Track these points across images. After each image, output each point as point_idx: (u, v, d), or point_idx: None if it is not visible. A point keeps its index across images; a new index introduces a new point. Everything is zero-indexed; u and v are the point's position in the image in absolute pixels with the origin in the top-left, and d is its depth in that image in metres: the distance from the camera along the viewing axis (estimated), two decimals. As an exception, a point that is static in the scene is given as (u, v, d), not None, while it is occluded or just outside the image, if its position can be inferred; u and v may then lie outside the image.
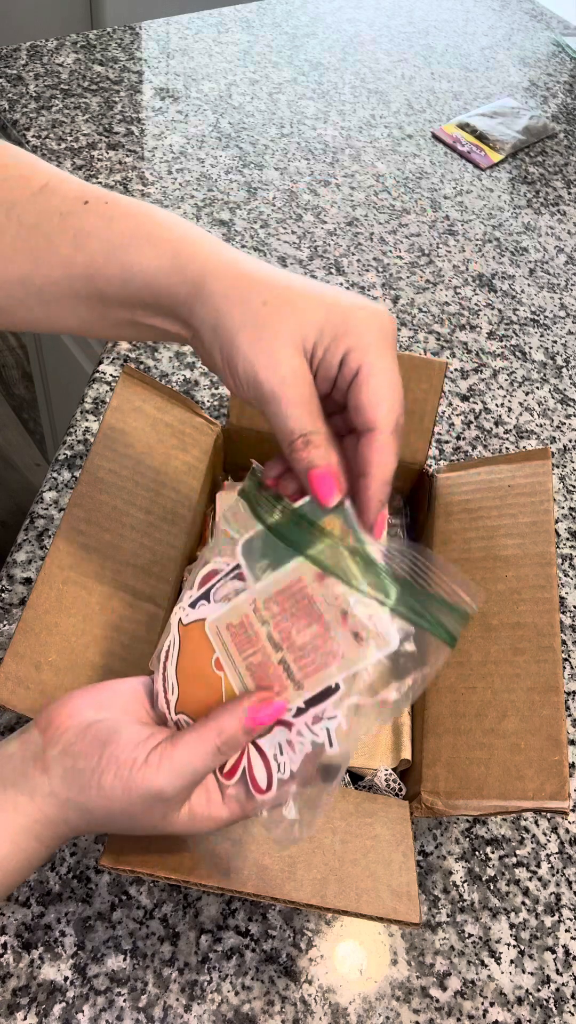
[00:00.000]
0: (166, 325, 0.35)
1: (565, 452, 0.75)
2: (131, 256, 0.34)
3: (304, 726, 0.32)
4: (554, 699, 0.42)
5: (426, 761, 0.44)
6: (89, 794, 0.32)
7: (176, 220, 0.35)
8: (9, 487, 0.86)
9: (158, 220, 0.35)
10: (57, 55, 1.03)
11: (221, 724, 0.32)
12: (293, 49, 1.15)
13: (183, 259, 0.33)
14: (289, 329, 0.32)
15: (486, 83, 1.20)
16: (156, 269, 0.34)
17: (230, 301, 0.32)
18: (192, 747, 0.32)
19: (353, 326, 0.32)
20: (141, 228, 0.34)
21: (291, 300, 0.32)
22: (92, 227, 0.34)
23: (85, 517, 0.46)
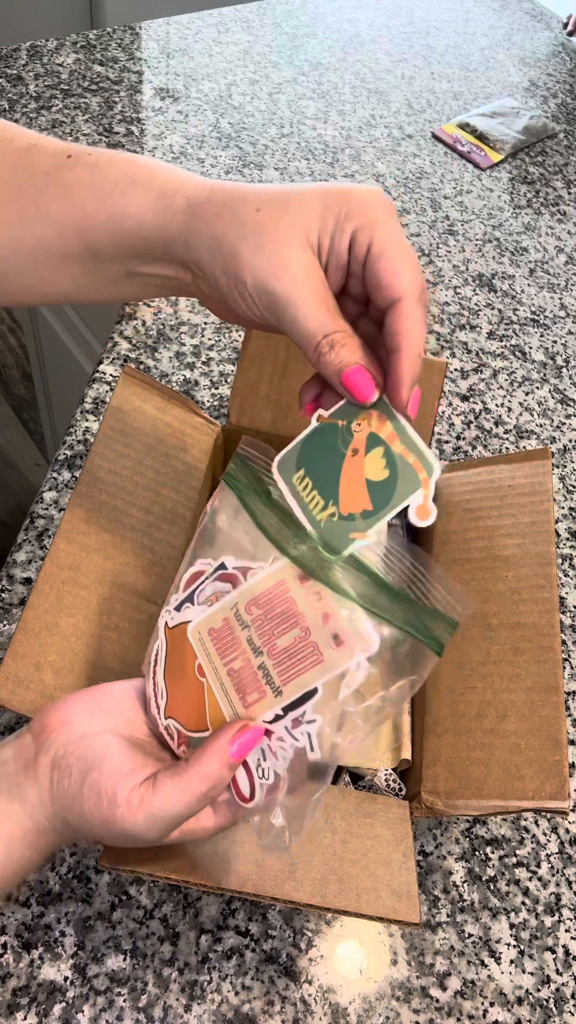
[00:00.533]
0: (163, 270, 0.35)
1: (565, 452, 0.75)
2: (119, 202, 0.33)
3: (284, 731, 0.32)
4: (554, 699, 0.42)
5: (426, 761, 0.44)
6: (71, 816, 0.32)
7: (159, 163, 0.35)
8: (9, 487, 0.86)
9: (142, 164, 0.34)
10: (57, 55, 1.03)
11: (204, 770, 0.31)
12: (293, 49, 1.15)
13: (169, 195, 0.33)
14: (290, 227, 0.31)
15: (486, 83, 1.20)
16: (145, 210, 0.33)
17: (223, 219, 0.32)
18: (174, 796, 0.31)
19: (354, 206, 0.31)
20: (126, 173, 0.34)
21: (284, 200, 0.32)
22: (78, 178, 0.34)
23: (85, 517, 0.46)
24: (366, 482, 0.32)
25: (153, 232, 0.33)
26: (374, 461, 0.32)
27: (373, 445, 0.32)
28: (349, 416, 0.33)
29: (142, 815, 0.31)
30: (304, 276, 0.31)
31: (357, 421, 0.33)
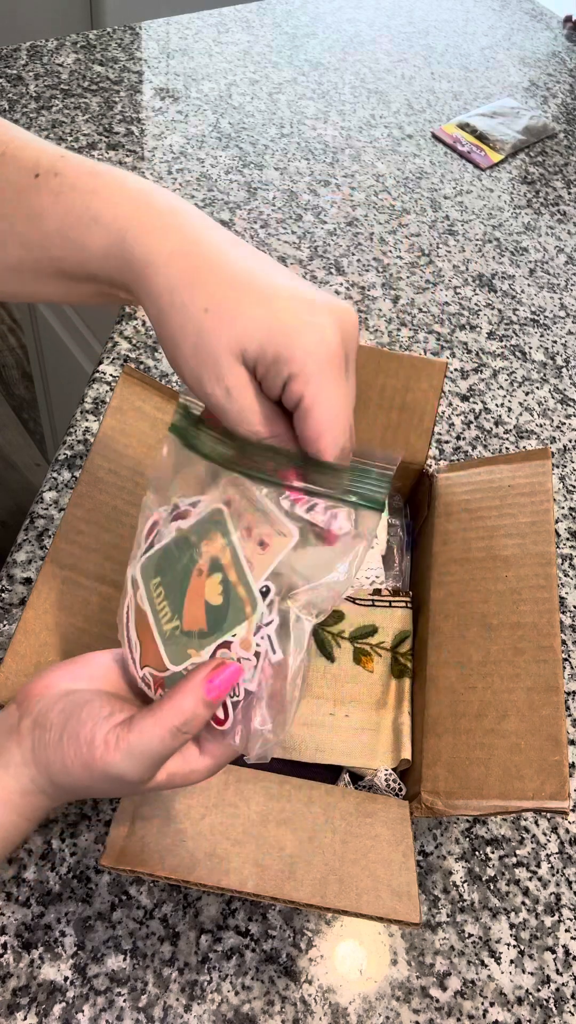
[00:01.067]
0: (131, 298, 0.35)
1: (565, 452, 0.75)
2: (81, 238, 0.33)
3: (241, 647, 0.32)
4: (554, 699, 0.42)
5: (426, 761, 0.44)
6: (54, 769, 0.32)
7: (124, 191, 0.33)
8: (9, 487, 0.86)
9: (104, 194, 0.33)
10: (57, 55, 1.03)
11: (178, 704, 0.32)
12: (293, 49, 1.15)
13: (128, 244, 0.32)
14: (229, 341, 0.30)
15: (486, 83, 1.20)
16: (104, 253, 0.32)
17: (173, 306, 0.31)
18: (149, 731, 0.31)
19: (295, 351, 0.30)
20: (88, 206, 0.32)
21: (233, 308, 0.30)
22: (43, 206, 0.33)
23: (85, 517, 0.46)
24: (205, 604, 0.33)
25: (114, 271, 0.33)
26: (213, 585, 0.33)
27: (214, 570, 0.33)
28: (200, 534, 0.34)
29: (120, 753, 0.31)
30: (236, 389, 0.31)
31: (206, 540, 0.34)
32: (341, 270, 0.85)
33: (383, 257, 0.88)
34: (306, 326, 0.30)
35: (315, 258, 0.85)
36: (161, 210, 0.32)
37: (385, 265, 0.87)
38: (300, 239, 0.87)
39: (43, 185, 0.33)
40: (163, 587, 0.35)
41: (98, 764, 0.31)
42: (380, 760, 0.47)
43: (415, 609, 0.54)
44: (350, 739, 0.48)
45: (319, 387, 0.30)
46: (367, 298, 0.83)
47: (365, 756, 0.47)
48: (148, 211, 0.32)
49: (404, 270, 0.87)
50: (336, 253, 0.87)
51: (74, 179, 0.33)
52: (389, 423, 0.56)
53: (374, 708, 0.49)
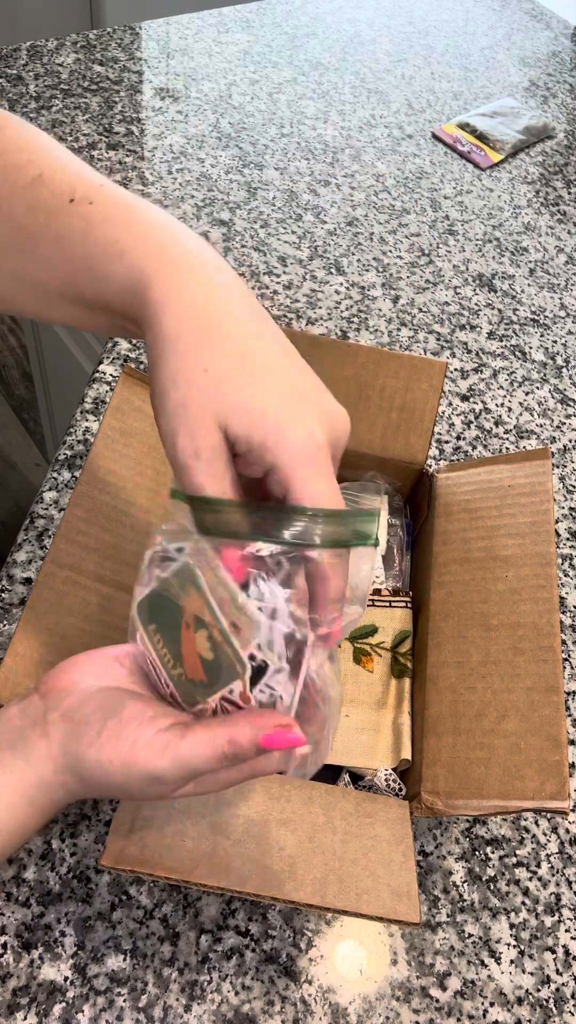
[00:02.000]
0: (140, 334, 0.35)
1: (565, 452, 0.75)
2: (103, 268, 0.33)
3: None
4: (554, 699, 0.42)
5: (426, 761, 0.44)
6: (87, 764, 0.32)
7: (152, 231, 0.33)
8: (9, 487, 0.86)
9: (135, 231, 0.33)
10: (57, 55, 1.03)
11: (235, 734, 0.32)
12: (293, 49, 1.15)
13: (146, 284, 0.32)
14: (217, 412, 0.31)
15: (486, 83, 1.20)
16: (122, 288, 0.33)
17: (176, 355, 0.31)
18: (200, 745, 0.32)
19: (279, 444, 0.30)
20: (117, 239, 0.33)
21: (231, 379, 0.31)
22: (73, 230, 0.34)
23: (85, 517, 0.46)
24: (199, 657, 0.34)
25: (127, 307, 0.33)
26: (201, 641, 0.33)
27: (199, 626, 0.33)
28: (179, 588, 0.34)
29: (168, 757, 0.31)
30: (207, 454, 0.31)
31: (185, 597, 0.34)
32: (341, 270, 0.85)
33: (383, 257, 0.88)
34: (294, 422, 0.31)
35: (315, 258, 0.85)
36: (188, 256, 0.33)
37: (385, 265, 0.87)
38: (300, 239, 0.87)
39: (75, 211, 0.34)
40: (160, 634, 0.35)
41: (140, 764, 0.31)
42: (380, 760, 0.47)
43: (415, 609, 0.54)
44: (350, 739, 0.48)
45: (303, 482, 0.31)
46: (367, 298, 0.83)
47: (365, 756, 0.47)
48: (172, 254, 0.33)
49: (404, 270, 0.87)
50: (336, 253, 0.87)
51: (107, 210, 0.34)
52: (389, 423, 0.56)
53: (374, 708, 0.49)
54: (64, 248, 0.34)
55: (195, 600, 0.33)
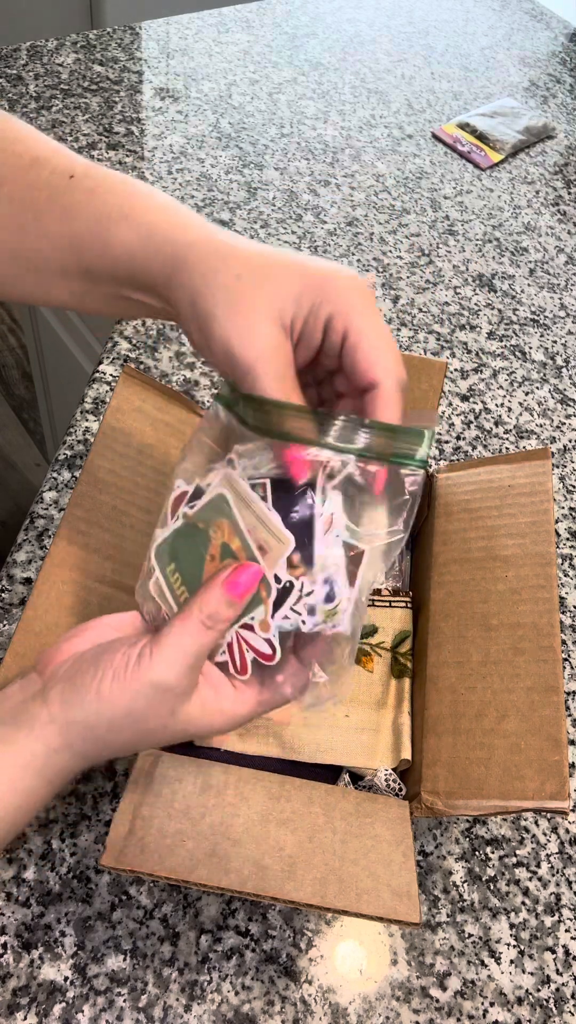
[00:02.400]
0: (150, 300, 0.36)
1: (565, 452, 0.75)
2: (109, 234, 0.34)
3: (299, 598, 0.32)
4: (554, 699, 0.42)
5: (426, 761, 0.44)
6: (88, 707, 0.32)
7: (155, 197, 0.35)
8: (9, 487, 0.86)
9: (138, 197, 0.35)
10: (57, 55, 1.03)
11: (201, 600, 0.33)
12: (293, 49, 1.15)
13: (158, 238, 0.33)
14: (264, 301, 0.31)
15: (486, 83, 1.20)
16: (132, 247, 0.34)
17: (204, 278, 0.32)
18: (178, 628, 0.32)
19: (332, 291, 0.31)
20: (121, 205, 0.34)
21: (265, 272, 0.32)
22: (76, 203, 0.35)
23: (85, 517, 0.46)
24: None
25: (139, 268, 0.34)
26: None
27: (226, 555, 0.34)
28: (207, 518, 0.35)
29: (157, 659, 0.32)
30: (270, 352, 0.31)
31: (214, 527, 0.35)
32: (341, 270, 0.85)
33: (383, 257, 0.88)
34: (334, 272, 0.32)
35: (315, 258, 0.85)
36: (189, 212, 0.34)
37: (385, 265, 0.87)
38: (300, 239, 0.87)
39: (78, 185, 0.35)
40: (179, 573, 0.36)
41: (137, 677, 0.32)
42: (380, 760, 0.47)
43: (415, 609, 0.54)
44: (350, 739, 0.48)
45: (363, 319, 0.31)
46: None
47: (365, 756, 0.47)
48: (176, 212, 0.34)
49: (404, 270, 0.87)
50: (336, 253, 0.87)
51: (107, 183, 0.35)
52: (389, 423, 0.56)
53: (374, 708, 0.49)
54: (70, 220, 0.35)
55: (224, 529, 0.34)
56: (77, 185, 0.35)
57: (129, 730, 0.33)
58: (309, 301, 0.31)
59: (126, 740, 0.33)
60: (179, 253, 0.33)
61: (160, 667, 0.32)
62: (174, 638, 0.32)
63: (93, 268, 0.35)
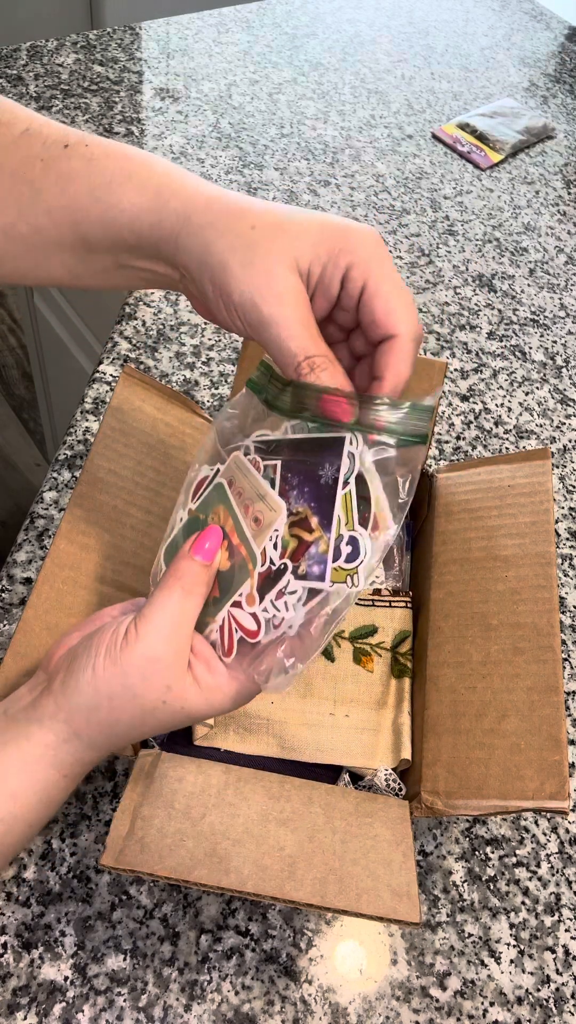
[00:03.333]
0: (153, 266, 0.35)
1: (565, 452, 0.75)
2: (113, 196, 0.33)
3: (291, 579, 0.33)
4: (554, 699, 0.42)
5: (426, 761, 0.44)
6: (86, 688, 0.33)
7: (156, 159, 0.34)
8: (9, 487, 0.86)
9: (139, 159, 0.34)
10: (57, 55, 1.03)
11: (175, 569, 0.34)
12: (293, 49, 1.15)
13: (165, 195, 0.33)
14: (282, 249, 0.31)
15: (486, 83, 1.20)
16: (139, 208, 0.33)
17: (217, 229, 0.31)
18: (160, 601, 0.33)
19: (350, 242, 0.31)
20: (122, 168, 0.33)
21: (280, 222, 0.31)
22: (74, 170, 0.34)
23: (85, 517, 0.46)
24: (217, 573, 0.36)
25: (145, 229, 0.33)
26: (222, 557, 0.36)
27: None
28: (207, 509, 0.37)
29: (141, 632, 0.32)
30: (291, 298, 0.31)
31: (212, 515, 0.36)
32: (341, 270, 0.85)
33: (383, 257, 0.88)
34: (351, 224, 0.32)
35: (315, 258, 0.85)
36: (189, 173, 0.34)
37: (385, 265, 0.87)
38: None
39: (74, 153, 0.34)
40: None
41: (128, 654, 0.32)
42: (380, 760, 0.47)
43: (415, 609, 0.54)
44: (350, 739, 0.48)
45: (382, 270, 0.31)
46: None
47: (365, 756, 0.47)
48: (183, 173, 0.34)
49: (404, 270, 0.87)
50: (336, 253, 0.87)
51: (106, 147, 0.34)
52: (389, 423, 0.56)
53: (374, 708, 0.49)
54: (67, 188, 0.34)
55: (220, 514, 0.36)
56: (73, 153, 0.34)
57: (128, 710, 0.33)
58: (327, 250, 0.31)
59: (128, 722, 0.33)
60: (189, 209, 0.32)
61: (147, 639, 0.32)
62: (157, 609, 0.33)
63: (92, 236, 0.34)
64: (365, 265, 0.31)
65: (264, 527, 0.34)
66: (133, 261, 0.35)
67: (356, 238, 0.31)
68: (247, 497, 0.35)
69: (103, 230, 0.34)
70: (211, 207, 0.32)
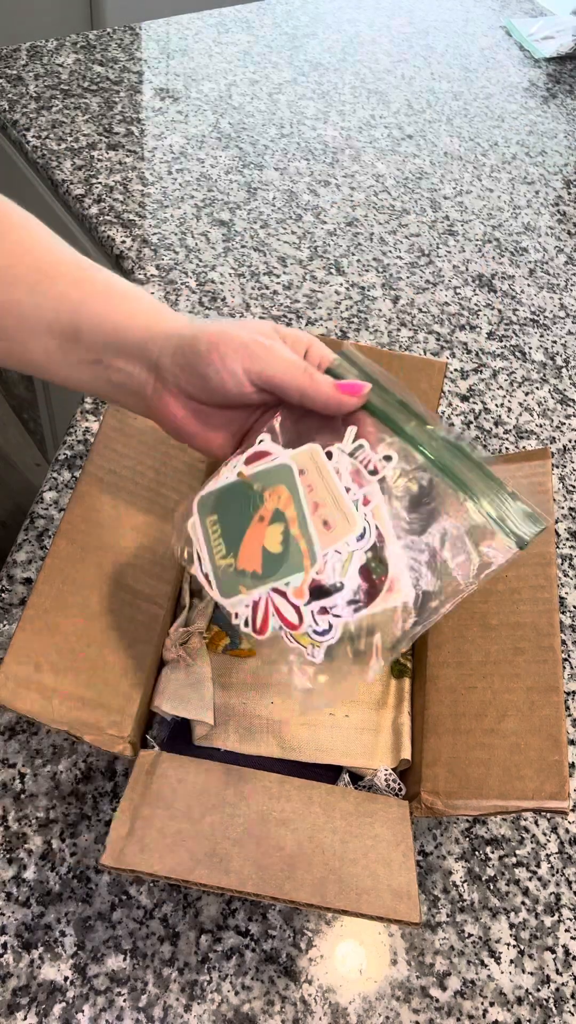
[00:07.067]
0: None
1: (565, 452, 0.75)
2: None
3: None
4: (554, 699, 0.42)
5: (426, 761, 0.44)
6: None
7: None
8: (9, 487, 0.86)
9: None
10: (57, 55, 1.03)
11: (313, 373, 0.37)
12: (293, 49, 1.15)
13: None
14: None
15: (486, 83, 1.20)
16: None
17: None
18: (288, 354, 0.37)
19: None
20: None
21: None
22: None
23: (85, 517, 0.46)
24: (263, 549, 0.36)
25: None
26: (274, 534, 0.36)
27: (276, 519, 0.36)
28: (264, 482, 0.37)
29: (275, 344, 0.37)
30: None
31: (270, 491, 0.37)
32: (341, 270, 0.85)
33: (383, 257, 0.88)
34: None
35: (315, 258, 0.85)
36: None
37: (385, 265, 0.87)
38: (300, 239, 0.87)
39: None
40: (220, 525, 0.37)
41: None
42: (380, 760, 0.47)
43: (415, 609, 0.54)
44: (350, 739, 0.48)
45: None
46: (367, 298, 0.83)
47: (365, 756, 0.47)
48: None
49: (404, 270, 0.87)
50: (336, 253, 0.87)
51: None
52: (389, 423, 0.56)
53: (374, 708, 0.49)
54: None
55: (282, 495, 0.36)
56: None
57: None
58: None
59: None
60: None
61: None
62: (286, 351, 0.37)
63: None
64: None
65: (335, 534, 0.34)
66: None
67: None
68: (318, 495, 0.35)
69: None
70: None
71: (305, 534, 0.35)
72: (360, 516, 0.34)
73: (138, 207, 0.85)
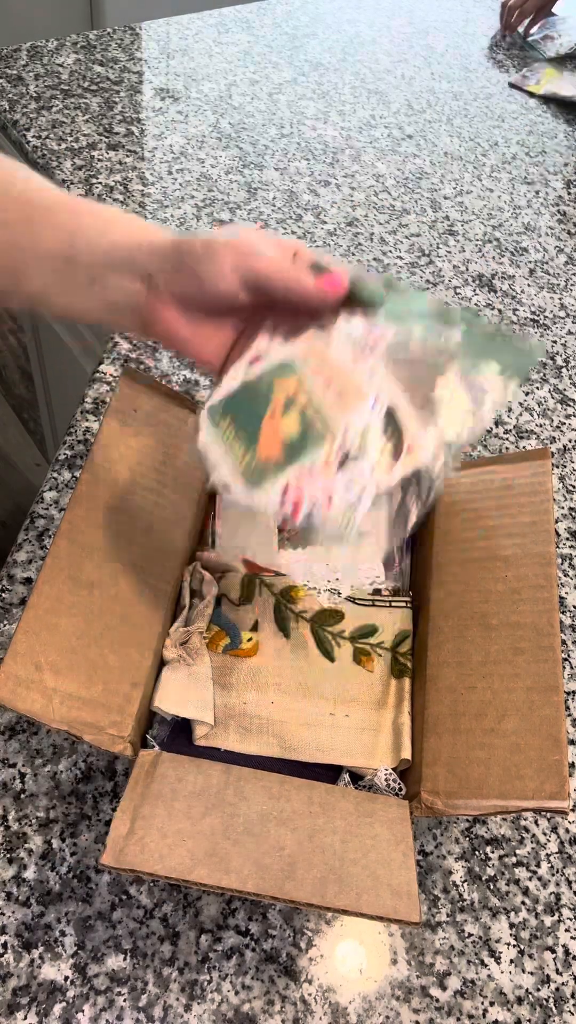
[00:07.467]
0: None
1: (565, 452, 0.75)
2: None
3: None
4: (554, 699, 0.42)
5: (426, 761, 0.44)
6: None
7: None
8: (9, 487, 0.86)
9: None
10: (57, 55, 1.03)
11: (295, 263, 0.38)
12: (293, 49, 1.15)
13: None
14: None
15: (486, 83, 1.20)
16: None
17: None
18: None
19: None
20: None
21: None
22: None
23: (85, 517, 0.46)
24: (281, 436, 0.37)
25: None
26: (290, 420, 0.37)
27: (288, 408, 0.37)
28: (270, 376, 0.38)
29: None
30: None
31: (278, 382, 0.38)
32: (341, 270, 0.85)
33: (383, 257, 0.88)
34: None
35: (315, 258, 0.85)
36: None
37: (385, 265, 0.87)
38: (300, 239, 0.87)
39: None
40: (234, 426, 0.39)
41: None
42: (380, 760, 0.47)
43: (415, 609, 0.54)
44: (350, 739, 0.48)
45: None
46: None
47: (365, 756, 0.47)
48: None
49: (404, 270, 0.87)
50: (336, 253, 0.87)
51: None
52: (389, 423, 0.56)
53: (374, 708, 0.49)
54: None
55: (290, 383, 0.38)
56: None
57: None
58: None
59: None
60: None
61: None
62: None
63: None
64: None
65: (348, 406, 0.36)
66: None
67: None
68: (325, 375, 0.37)
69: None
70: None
71: (319, 412, 0.36)
72: (369, 386, 0.36)
73: (138, 207, 0.85)
